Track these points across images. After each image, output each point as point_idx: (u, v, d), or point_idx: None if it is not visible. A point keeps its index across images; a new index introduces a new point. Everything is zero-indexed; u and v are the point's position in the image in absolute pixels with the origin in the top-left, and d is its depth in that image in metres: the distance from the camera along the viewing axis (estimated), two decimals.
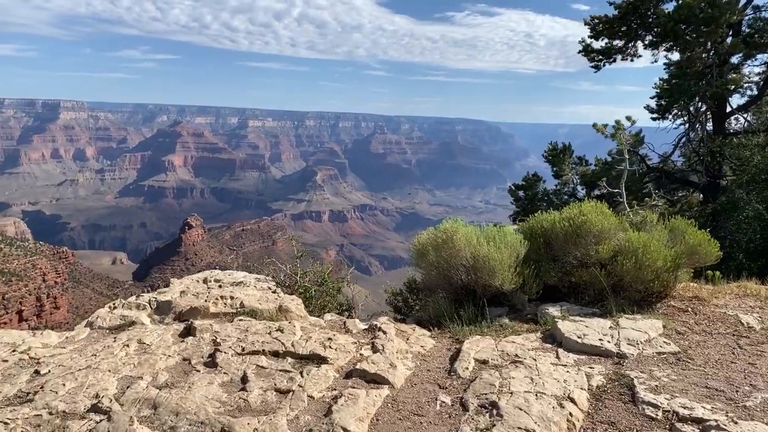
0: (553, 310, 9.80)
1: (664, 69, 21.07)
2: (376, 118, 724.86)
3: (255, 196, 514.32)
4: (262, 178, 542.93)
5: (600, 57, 20.12)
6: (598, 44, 20.24)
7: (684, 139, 20.34)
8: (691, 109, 19.49)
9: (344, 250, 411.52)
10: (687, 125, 20.03)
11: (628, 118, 14.15)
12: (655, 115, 19.65)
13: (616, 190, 12.78)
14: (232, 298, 9.58)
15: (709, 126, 19.58)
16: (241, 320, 8.87)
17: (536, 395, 6.85)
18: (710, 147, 18.74)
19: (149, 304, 9.42)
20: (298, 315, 9.56)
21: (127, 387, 6.81)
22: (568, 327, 9.00)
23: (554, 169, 20.31)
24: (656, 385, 7.16)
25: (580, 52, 20.69)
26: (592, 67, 20.36)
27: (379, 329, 8.97)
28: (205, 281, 10.61)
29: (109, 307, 9.55)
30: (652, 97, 20.33)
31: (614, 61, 20.27)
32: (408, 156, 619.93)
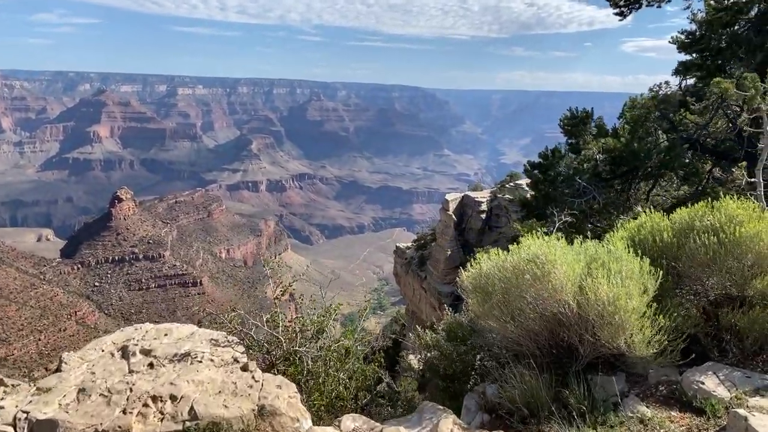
0: (711, 384, 6.05)
1: (689, 20, 17.70)
2: (312, 85, 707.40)
3: (188, 166, 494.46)
4: (195, 148, 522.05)
5: (625, 1, 16.49)
6: None
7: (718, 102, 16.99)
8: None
9: (284, 221, 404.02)
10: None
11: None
12: (699, 74, 16.29)
13: (753, 180, 9.07)
14: (173, 398, 5.27)
15: None
16: None
17: None
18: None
19: (14, 425, 4.99)
20: (294, 419, 5.40)
21: None
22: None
23: (572, 141, 16.61)
24: None
25: None
26: (615, 14, 16.75)
27: None
28: (124, 354, 6.19)
29: None
30: (680, 51, 16.93)
31: (640, 6, 16.72)
32: (346, 123, 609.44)
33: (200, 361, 6.07)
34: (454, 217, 77.90)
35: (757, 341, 6.66)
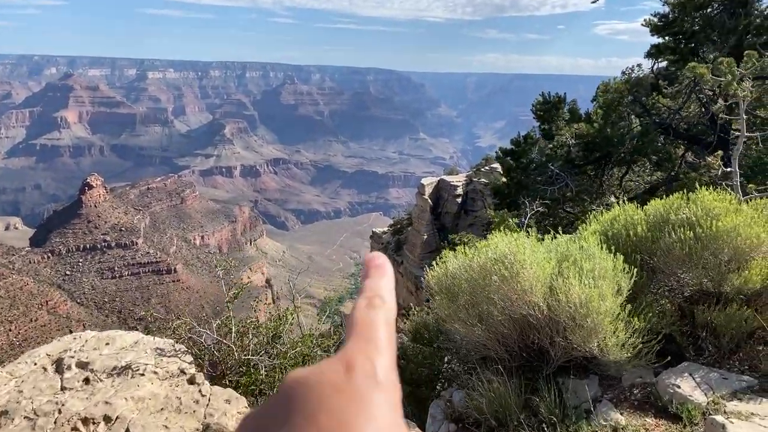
0: (687, 387, 5.76)
1: (662, 3, 17.40)
2: (285, 68, 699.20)
3: (159, 152, 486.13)
4: (166, 133, 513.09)
5: None
6: None
7: (692, 86, 16.77)
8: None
9: (259, 206, 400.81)
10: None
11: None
12: (673, 57, 16.00)
13: (729, 169, 8.75)
14: (107, 419, 4.79)
15: None
16: None
17: None
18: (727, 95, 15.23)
19: None
20: None
21: None
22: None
23: (544, 126, 16.22)
24: None
25: None
26: None
27: None
28: (58, 368, 5.67)
29: None
30: (654, 34, 16.63)
31: None
32: (320, 107, 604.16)
33: (142, 374, 5.58)
34: (430, 201, 77.65)
35: (733, 339, 6.39)
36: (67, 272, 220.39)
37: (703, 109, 17.00)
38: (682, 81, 18.63)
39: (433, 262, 6.43)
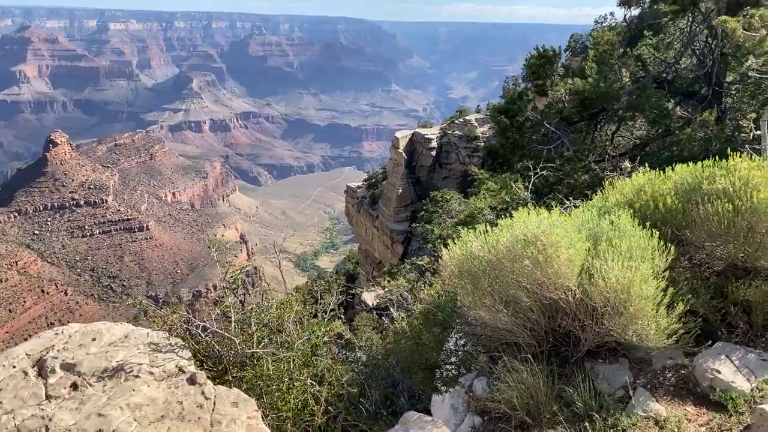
0: (728, 372, 5.40)
1: None
2: (253, 18, 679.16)
3: (125, 107, 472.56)
4: (132, 88, 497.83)
5: None
6: None
7: (686, 37, 16.22)
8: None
9: (230, 162, 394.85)
10: (690, 18, 15.88)
11: None
12: (673, 7, 15.29)
13: (758, 132, 8.27)
14: None
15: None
16: None
17: None
18: (722, 47, 14.80)
19: None
20: None
21: None
22: None
23: (538, 83, 15.55)
24: None
25: None
26: None
27: None
28: (41, 371, 5.05)
29: None
30: None
31: None
32: (290, 59, 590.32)
33: (137, 376, 5.00)
34: (404, 155, 76.78)
35: (767, 316, 6.04)
36: (36, 231, 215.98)
37: (698, 61, 16.54)
38: (674, 32, 18.04)
39: (450, 242, 5.90)
